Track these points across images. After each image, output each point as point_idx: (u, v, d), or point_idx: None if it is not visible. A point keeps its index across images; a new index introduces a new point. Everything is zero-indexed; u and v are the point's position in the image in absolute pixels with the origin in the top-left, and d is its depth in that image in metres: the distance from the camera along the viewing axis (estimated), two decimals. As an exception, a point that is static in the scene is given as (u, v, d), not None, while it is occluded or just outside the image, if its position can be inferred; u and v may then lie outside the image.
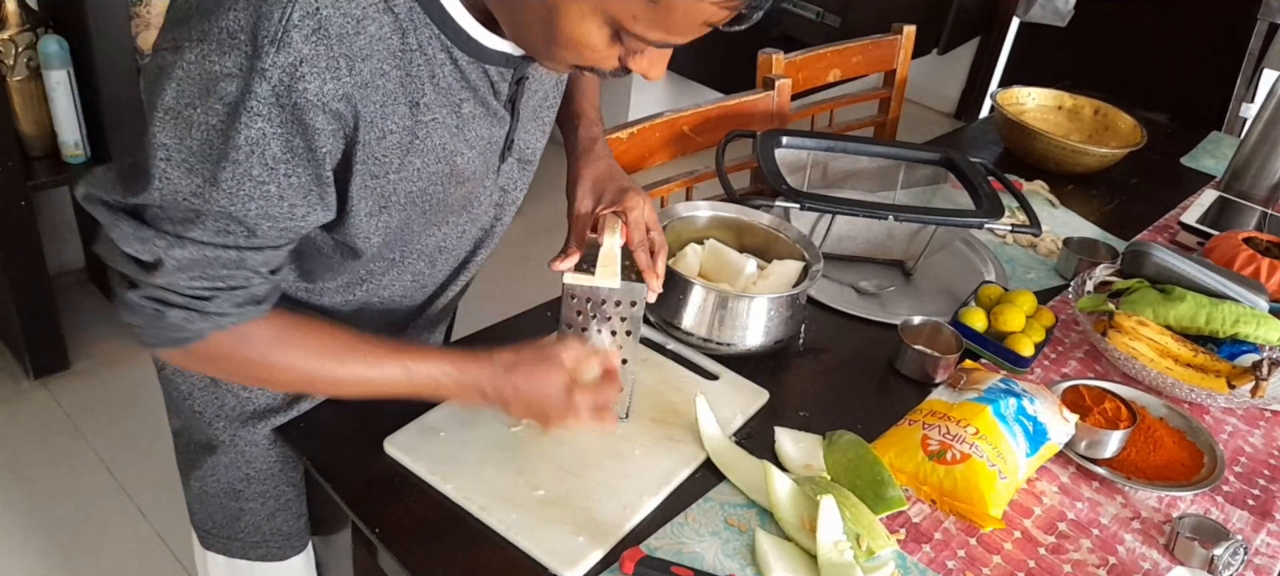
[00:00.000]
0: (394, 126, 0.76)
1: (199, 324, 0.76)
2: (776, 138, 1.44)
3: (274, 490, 1.04)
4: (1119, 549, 0.96)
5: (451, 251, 0.97)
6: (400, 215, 0.83)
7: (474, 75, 0.80)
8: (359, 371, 0.84)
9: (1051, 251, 1.52)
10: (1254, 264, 1.40)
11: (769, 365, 1.15)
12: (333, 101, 0.70)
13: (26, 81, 1.98)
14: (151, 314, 0.75)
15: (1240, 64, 3.23)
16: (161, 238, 0.72)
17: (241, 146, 0.68)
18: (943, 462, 0.97)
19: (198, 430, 1.01)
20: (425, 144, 0.79)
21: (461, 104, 0.80)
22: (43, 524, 1.94)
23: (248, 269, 0.76)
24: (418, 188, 0.82)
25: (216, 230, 0.73)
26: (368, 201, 0.79)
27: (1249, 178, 1.75)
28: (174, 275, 0.73)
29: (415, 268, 0.95)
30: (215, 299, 0.75)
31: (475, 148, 0.85)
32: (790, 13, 3.39)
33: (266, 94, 0.67)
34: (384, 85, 0.73)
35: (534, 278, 2.92)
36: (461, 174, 0.85)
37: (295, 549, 1.09)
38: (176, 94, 0.67)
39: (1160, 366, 1.19)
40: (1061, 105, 2.00)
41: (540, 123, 0.97)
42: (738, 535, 0.91)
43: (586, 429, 0.90)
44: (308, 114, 0.69)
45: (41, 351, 2.23)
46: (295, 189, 0.73)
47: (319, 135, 0.71)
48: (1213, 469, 1.07)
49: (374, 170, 0.77)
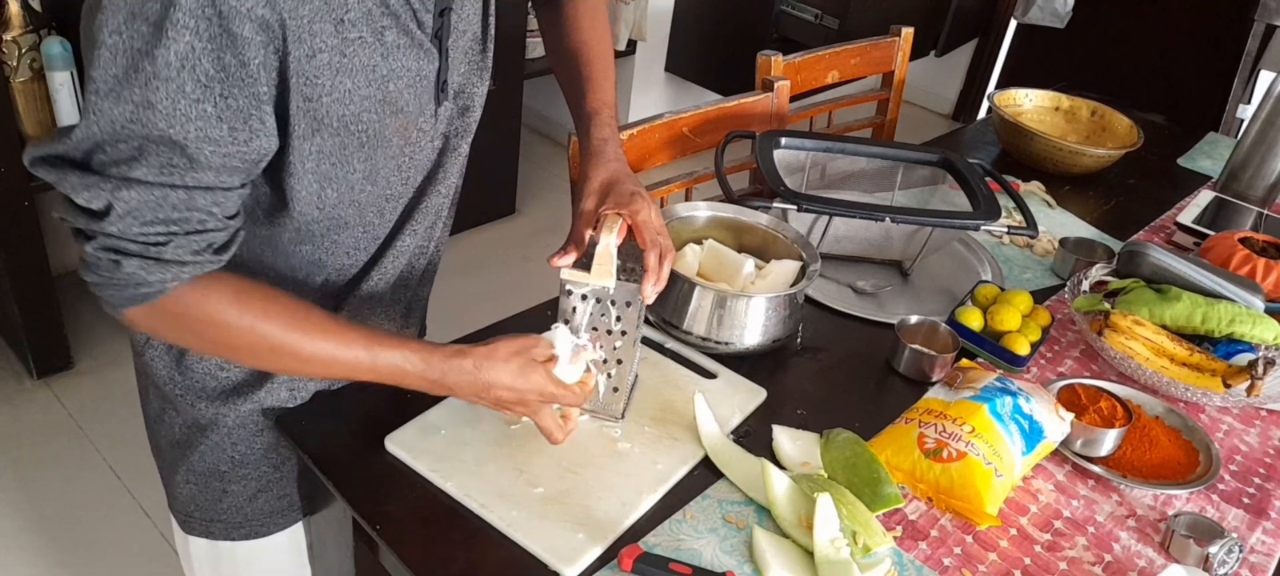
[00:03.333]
0: (323, 44, 0.76)
1: (157, 273, 0.75)
2: (775, 139, 1.45)
3: (257, 471, 1.04)
4: (1114, 546, 0.97)
5: (398, 198, 0.96)
6: (334, 140, 0.83)
7: (394, 1, 0.81)
8: (324, 347, 0.83)
9: (1048, 251, 1.53)
10: (1250, 264, 1.41)
11: (767, 364, 1.16)
12: (257, 8, 0.70)
13: (30, 83, 1.99)
14: (108, 265, 0.75)
15: (1237, 65, 3.24)
16: (107, 182, 0.72)
17: (171, 62, 0.69)
18: (939, 460, 0.98)
19: (180, 413, 1.01)
20: (354, 64, 0.80)
21: (384, 30, 0.81)
22: (46, 523, 1.94)
23: (199, 209, 0.76)
24: (350, 111, 0.82)
25: (160, 165, 0.73)
26: (302, 123, 0.80)
27: (1245, 178, 1.76)
28: (125, 220, 0.73)
29: (366, 217, 0.95)
30: (170, 243, 0.75)
31: (404, 78, 0.85)
32: (789, 15, 3.40)
33: (189, 4, 0.67)
34: (310, 1, 0.74)
35: (534, 278, 2.94)
36: (394, 103, 0.85)
37: (278, 526, 1.09)
38: (102, 23, 0.68)
39: (1156, 365, 1.20)
40: (1058, 106, 2.00)
41: (474, 66, 0.97)
42: (735, 532, 0.92)
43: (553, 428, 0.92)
44: (233, 22, 0.69)
45: (44, 351, 2.24)
46: (233, 111, 0.73)
47: (248, 46, 0.71)
48: (1208, 467, 1.07)
49: (306, 91, 0.78)
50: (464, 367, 0.86)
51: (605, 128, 1.06)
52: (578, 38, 1.12)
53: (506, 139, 3.05)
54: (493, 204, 3.15)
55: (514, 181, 3.20)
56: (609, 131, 1.06)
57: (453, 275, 2.68)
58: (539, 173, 3.50)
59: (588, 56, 1.11)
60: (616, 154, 1.04)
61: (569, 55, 1.12)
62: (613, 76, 1.12)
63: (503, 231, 3.15)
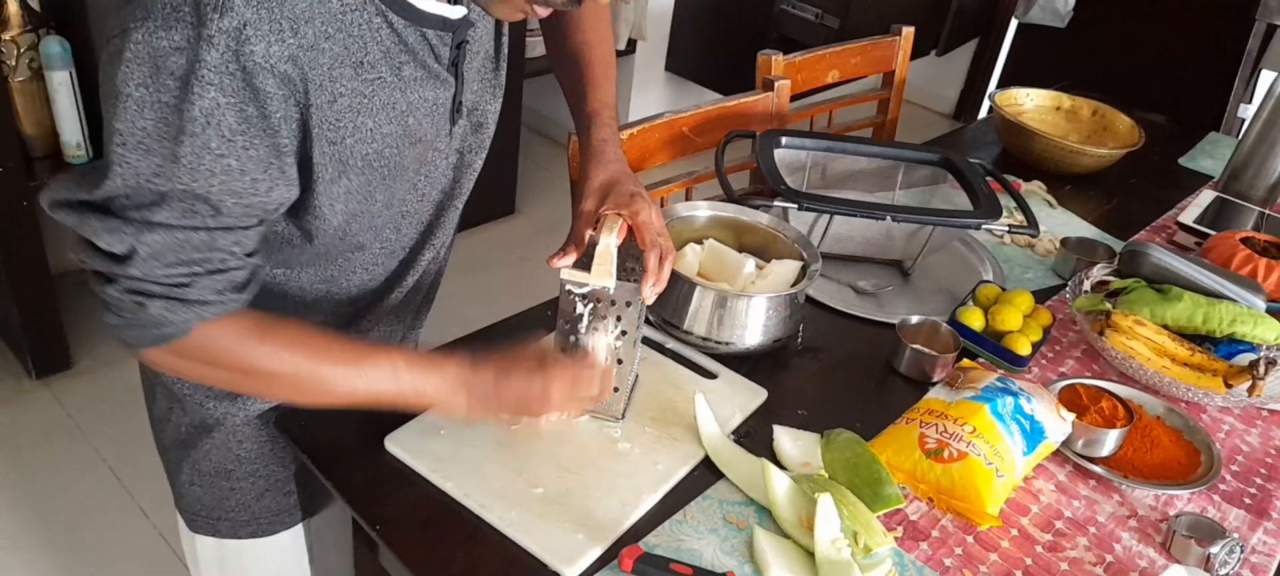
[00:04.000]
0: (343, 89, 0.77)
1: (181, 314, 0.76)
2: (776, 138, 1.45)
3: (264, 469, 1.04)
4: (1115, 547, 0.97)
5: (414, 216, 0.97)
6: (359, 179, 0.84)
7: (411, 38, 0.81)
8: (345, 373, 0.84)
9: (1049, 251, 1.53)
10: (1251, 264, 1.40)
11: (767, 364, 1.16)
12: (280, 64, 0.71)
13: (29, 82, 1.99)
14: (132, 307, 0.75)
15: (1238, 65, 3.24)
16: (130, 226, 0.73)
17: (197, 118, 0.69)
18: (940, 460, 0.98)
19: (187, 412, 1.01)
20: (374, 104, 0.80)
21: (402, 66, 0.81)
22: (45, 523, 1.94)
23: (221, 250, 0.76)
24: (373, 149, 0.82)
25: (182, 211, 0.73)
26: (329, 168, 0.80)
27: (1247, 178, 1.75)
28: (148, 263, 0.74)
29: (383, 236, 0.96)
30: (194, 285, 0.76)
31: (422, 109, 0.86)
32: (790, 14, 3.40)
33: (215, 61, 0.68)
34: (329, 48, 0.74)
35: (534, 278, 2.94)
36: (413, 134, 0.86)
37: (284, 525, 1.09)
38: (127, 76, 0.68)
39: (1157, 365, 1.20)
40: (1060, 106, 2.00)
41: (487, 84, 0.98)
42: (736, 532, 0.91)
43: (570, 417, 0.92)
44: (257, 78, 0.70)
45: (43, 351, 2.24)
46: (255, 161, 0.73)
47: (271, 100, 0.72)
48: (1209, 467, 1.07)
49: (330, 135, 0.78)
50: (478, 373, 0.87)
51: (605, 128, 1.06)
52: (579, 38, 1.12)
53: (506, 139, 3.04)
54: (492, 204, 3.15)
55: (513, 181, 3.20)
56: (609, 132, 1.06)
57: (452, 275, 2.66)
58: (539, 172, 3.49)
59: (589, 57, 1.11)
60: (616, 154, 1.04)
61: (570, 56, 1.12)
62: (614, 77, 1.12)
63: (502, 231, 3.15)
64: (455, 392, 0.87)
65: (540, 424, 0.98)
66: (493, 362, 0.88)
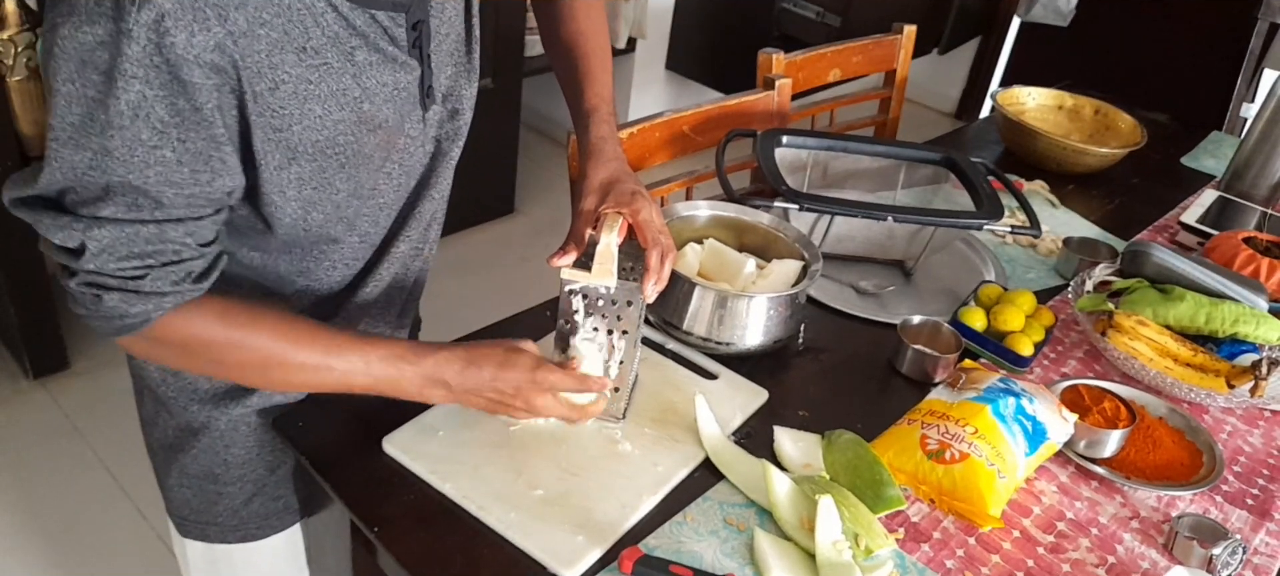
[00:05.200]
0: (286, 75, 0.76)
1: (139, 305, 0.76)
2: (776, 137, 1.44)
3: (252, 473, 1.04)
4: (1118, 548, 0.96)
5: (390, 206, 0.96)
6: (311, 166, 0.82)
7: (359, 21, 0.80)
8: (316, 359, 0.83)
9: (1051, 251, 1.52)
10: (1254, 264, 1.40)
11: (768, 364, 1.15)
12: (206, 54, 0.70)
13: (25, 82, 1.98)
14: (91, 300, 0.76)
15: (1240, 64, 3.23)
16: (78, 221, 0.73)
17: (124, 112, 0.69)
18: (942, 462, 0.97)
19: (173, 415, 1.01)
20: (322, 90, 0.79)
21: (353, 51, 0.80)
22: (42, 524, 1.94)
23: (172, 242, 0.76)
24: (324, 136, 0.81)
25: (127, 205, 0.73)
26: (274, 155, 0.79)
27: (1249, 178, 1.75)
28: (100, 257, 0.74)
29: (359, 227, 0.94)
30: (148, 276, 0.76)
31: (381, 95, 0.84)
32: (790, 12, 3.39)
33: (137, 55, 0.67)
34: (266, 34, 0.73)
35: (534, 277, 2.93)
36: (371, 121, 0.84)
37: (274, 529, 1.09)
38: (55, 71, 0.68)
39: (1159, 366, 1.19)
40: (1062, 105, 2.00)
41: (460, 68, 0.96)
42: (737, 534, 0.91)
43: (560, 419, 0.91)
44: (182, 70, 0.69)
45: (40, 351, 2.23)
46: (192, 154, 0.73)
47: (200, 91, 0.71)
48: (1212, 468, 1.07)
49: (273, 122, 0.77)
50: (456, 364, 0.87)
51: (604, 125, 1.05)
52: (573, 27, 1.11)
53: (505, 138, 3.04)
54: (491, 203, 3.14)
55: (512, 180, 3.20)
56: (608, 129, 1.05)
57: (451, 275, 2.68)
58: (538, 171, 3.49)
59: (584, 50, 1.10)
60: (616, 152, 1.04)
61: (565, 48, 1.11)
62: (610, 69, 1.11)
63: (501, 231, 3.14)
64: (432, 387, 0.87)
65: (540, 424, 0.98)
66: (481, 361, 0.87)
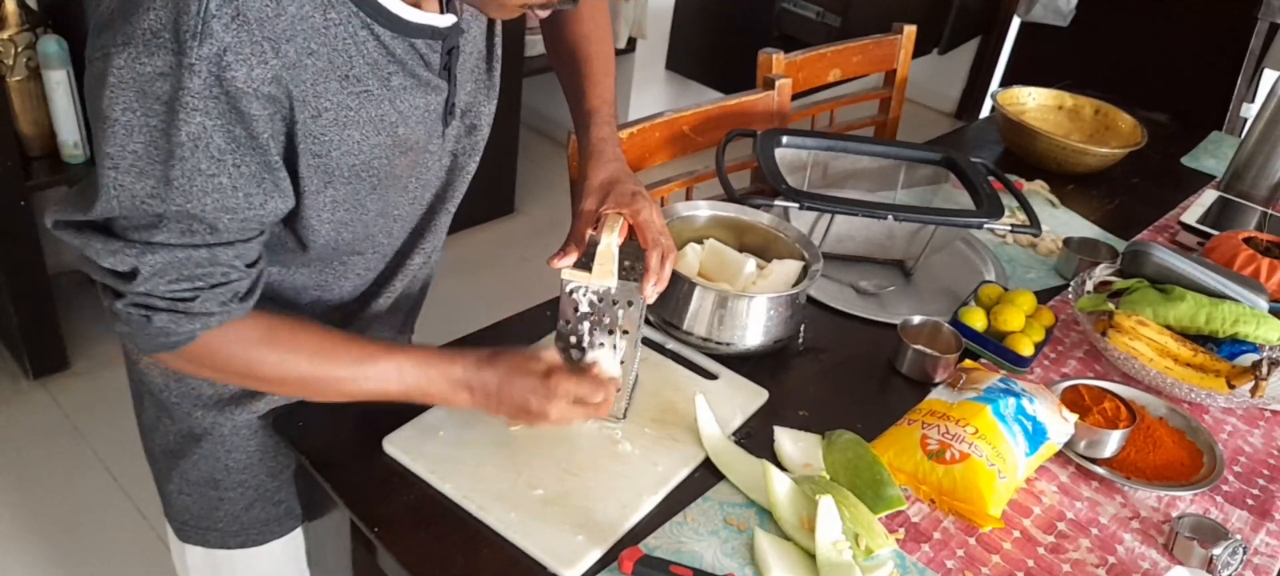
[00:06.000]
0: (329, 103, 0.77)
1: (186, 325, 0.77)
2: (776, 137, 1.44)
3: (253, 479, 1.04)
4: (1118, 548, 0.96)
5: (405, 220, 0.98)
6: (346, 189, 0.84)
7: (399, 49, 0.81)
8: (351, 371, 0.85)
9: (1051, 251, 1.52)
10: (1254, 264, 1.40)
11: (768, 365, 1.15)
12: (263, 86, 0.71)
13: (26, 81, 1.98)
14: (139, 321, 0.76)
15: (1241, 64, 3.23)
16: (132, 247, 0.74)
17: (185, 143, 0.70)
18: (942, 462, 0.97)
19: (175, 421, 1.01)
20: (361, 116, 0.80)
21: (390, 77, 0.81)
22: (42, 524, 1.94)
23: (222, 264, 0.77)
24: (361, 160, 0.82)
25: (180, 231, 0.74)
26: (314, 178, 0.81)
27: (1249, 178, 1.75)
28: (152, 280, 0.75)
29: (376, 241, 0.96)
30: (198, 298, 0.77)
31: (412, 117, 0.85)
32: (790, 12, 3.39)
33: (198, 88, 0.68)
34: (313, 64, 0.74)
35: (534, 278, 2.93)
36: (404, 143, 0.86)
37: (275, 534, 1.09)
38: (113, 101, 0.69)
39: (1160, 366, 1.19)
40: (1062, 105, 1.99)
41: (481, 85, 0.97)
42: (737, 534, 0.91)
43: (574, 422, 0.91)
44: (241, 101, 0.70)
45: (41, 352, 2.23)
46: (247, 178, 0.74)
47: (257, 121, 0.72)
48: (1212, 468, 1.07)
49: (315, 148, 0.78)
50: (482, 371, 0.88)
51: (604, 126, 1.06)
52: (577, 31, 1.12)
53: (505, 138, 3.04)
54: (491, 203, 3.14)
55: (513, 181, 3.19)
56: (608, 130, 1.06)
57: (451, 275, 2.67)
58: (538, 172, 3.49)
59: (587, 53, 1.10)
60: (616, 153, 1.04)
61: (567, 50, 1.12)
62: (612, 72, 1.11)
63: (501, 231, 3.14)
64: (457, 392, 0.89)
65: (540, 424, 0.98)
66: (500, 365, 0.88)
